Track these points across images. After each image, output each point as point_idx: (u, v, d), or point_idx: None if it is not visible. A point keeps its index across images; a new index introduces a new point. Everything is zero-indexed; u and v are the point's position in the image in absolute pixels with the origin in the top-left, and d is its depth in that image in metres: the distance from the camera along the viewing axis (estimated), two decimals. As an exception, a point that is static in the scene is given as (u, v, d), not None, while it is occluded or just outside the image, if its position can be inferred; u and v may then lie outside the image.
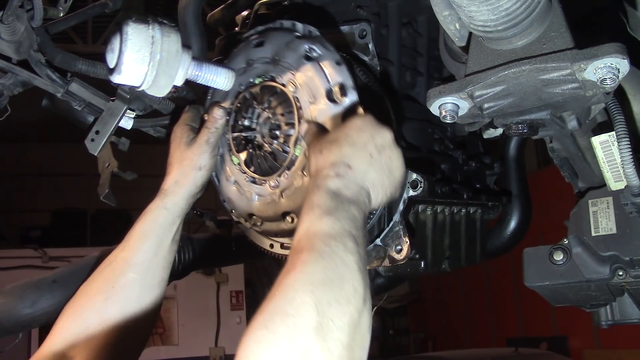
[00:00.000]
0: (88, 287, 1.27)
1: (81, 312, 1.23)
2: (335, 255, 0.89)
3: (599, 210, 1.35)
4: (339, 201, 0.99)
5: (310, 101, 1.28)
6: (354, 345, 0.83)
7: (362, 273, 0.90)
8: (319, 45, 1.30)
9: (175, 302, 9.49)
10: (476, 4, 0.94)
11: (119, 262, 1.28)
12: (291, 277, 0.85)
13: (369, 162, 1.08)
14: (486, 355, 6.53)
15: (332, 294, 0.84)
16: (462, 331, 11.55)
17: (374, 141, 1.10)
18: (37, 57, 1.41)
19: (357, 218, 0.98)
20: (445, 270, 1.59)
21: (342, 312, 0.83)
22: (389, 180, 1.11)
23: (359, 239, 0.95)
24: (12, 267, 8.51)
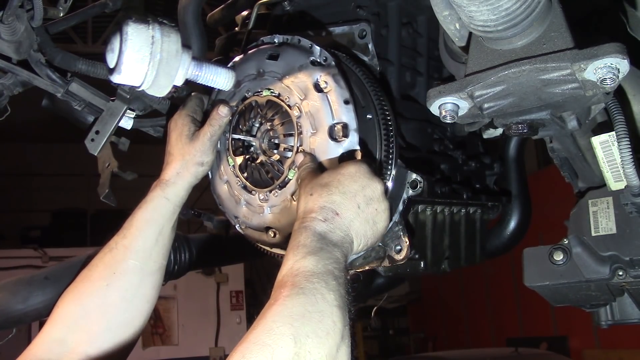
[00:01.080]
0: (89, 272, 1.28)
1: (82, 297, 1.25)
2: (316, 292, 0.92)
3: (599, 210, 1.35)
4: (324, 243, 1.03)
5: (312, 132, 1.28)
6: None
7: (342, 310, 0.93)
8: (330, 77, 1.29)
9: (175, 302, 9.48)
10: (476, 4, 0.94)
11: (119, 249, 1.30)
12: (272, 310, 0.89)
13: (355, 213, 1.12)
14: (486, 355, 6.53)
15: (311, 327, 0.87)
16: (462, 331, 11.55)
17: (363, 192, 1.14)
18: (37, 57, 1.41)
19: (340, 260, 1.02)
20: (445, 270, 1.59)
21: (321, 344, 0.86)
22: (372, 231, 1.15)
23: (341, 280, 0.98)
24: (12, 267, 8.51)
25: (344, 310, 0.94)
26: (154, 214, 1.33)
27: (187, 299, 9.32)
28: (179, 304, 9.47)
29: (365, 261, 1.36)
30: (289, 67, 1.35)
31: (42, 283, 1.76)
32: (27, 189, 12.17)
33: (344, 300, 0.96)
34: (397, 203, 1.33)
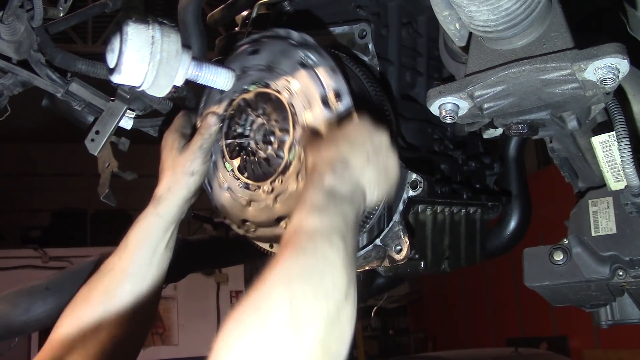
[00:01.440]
0: (89, 293, 1.27)
1: (80, 318, 1.23)
2: (317, 251, 0.89)
3: (599, 210, 1.35)
4: (332, 198, 0.99)
5: (305, 107, 1.28)
6: (330, 339, 0.83)
7: (346, 269, 0.90)
8: (313, 52, 1.30)
9: (175, 302, 9.49)
10: (476, 4, 0.94)
11: (116, 271, 1.28)
12: (270, 272, 0.86)
13: (366, 161, 1.08)
14: (486, 355, 6.53)
15: (310, 288, 0.84)
16: (462, 331, 11.55)
17: (371, 141, 1.11)
18: (37, 57, 1.41)
19: (348, 216, 0.98)
20: (445, 270, 1.59)
21: (319, 306, 0.83)
22: (385, 179, 1.12)
23: (348, 237, 0.95)
24: (12, 267, 8.51)
25: (349, 268, 0.91)
26: (147, 233, 1.31)
27: (187, 299, 9.33)
28: (179, 304, 9.48)
29: (365, 261, 1.36)
30: (271, 55, 1.35)
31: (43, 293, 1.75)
32: (27, 189, 12.16)
33: (350, 258, 0.93)
34: (397, 203, 1.33)
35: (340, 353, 0.85)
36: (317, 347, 0.80)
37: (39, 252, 9.16)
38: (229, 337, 0.79)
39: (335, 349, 0.84)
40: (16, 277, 7.71)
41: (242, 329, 0.79)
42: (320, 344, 0.81)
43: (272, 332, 0.78)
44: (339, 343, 0.86)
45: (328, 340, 0.82)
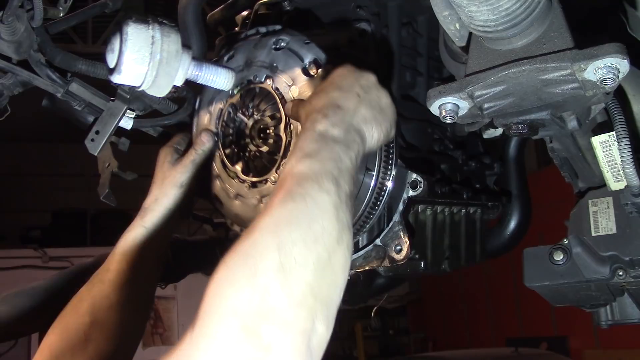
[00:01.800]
0: (79, 304, 1.27)
1: (68, 329, 1.23)
2: (307, 196, 0.87)
3: (599, 210, 1.35)
4: (324, 142, 0.97)
5: (289, 84, 1.30)
6: (322, 284, 0.81)
7: (339, 213, 0.88)
8: (284, 34, 1.34)
9: (175, 302, 9.48)
10: (476, 4, 0.94)
11: (104, 282, 1.28)
12: (258, 219, 0.85)
13: (357, 101, 1.07)
14: (486, 355, 6.53)
15: (298, 233, 0.82)
16: (462, 331, 11.55)
17: (359, 83, 1.10)
18: (37, 57, 1.40)
19: (341, 158, 0.95)
20: (445, 270, 1.59)
21: (308, 251, 0.81)
22: (382, 116, 1.10)
23: (342, 180, 0.92)
24: (12, 267, 8.51)
25: (343, 212, 0.89)
26: (133, 245, 1.31)
27: (187, 299, 9.32)
28: (179, 304, 9.48)
29: (365, 261, 1.36)
30: (246, 54, 1.39)
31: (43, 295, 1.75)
32: (27, 189, 12.16)
33: (344, 202, 0.90)
34: (398, 203, 1.33)
35: (332, 298, 0.83)
36: (307, 293, 0.79)
37: (39, 252, 9.16)
38: (219, 286, 0.78)
39: (326, 294, 0.82)
40: (16, 277, 7.71)
41: (232, 278, 0.78)
42: (310, 289, 0.79)
43: (261, 280, 0.77)
44: (331, 288, 0.84)
45: (319, 286, 0.81)
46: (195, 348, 0.73)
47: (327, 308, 0.82)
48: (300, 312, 0.77)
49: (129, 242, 1.32)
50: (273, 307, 0.76)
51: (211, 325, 0.74)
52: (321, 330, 0.79)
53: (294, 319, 0.76)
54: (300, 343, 0.76)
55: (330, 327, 0.82)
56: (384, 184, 1.29)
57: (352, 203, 0.94)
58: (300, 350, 0.75)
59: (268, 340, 0.73)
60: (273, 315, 0.75)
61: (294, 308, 0.77)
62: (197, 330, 0.74)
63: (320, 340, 0.79)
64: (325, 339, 0.81)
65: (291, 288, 0.78)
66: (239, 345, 0.72)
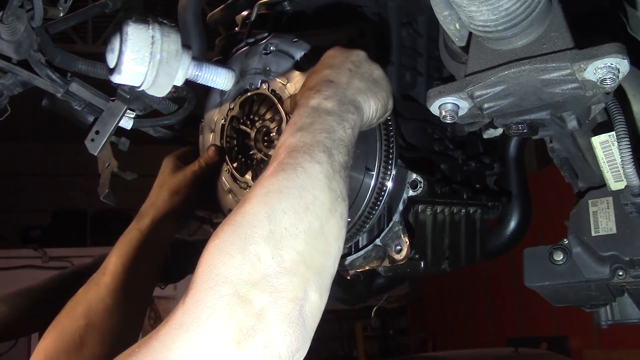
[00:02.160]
0: (74, 307, 1.27)
1: (64, 332, 1.23)
2: (297, 166, 0.87)
3: (599, 210, 1.35)
4: (316, 115, 0.97)
5: (284, 84, 1.32)
6: (314, 252, 0.81)
7: (331, 183, 0.88)
8: (272, 39, 1.37)
9: (175, 302, 9.45)
10: (476, 4, 0.94)
11: (101, 286, 1.29)
12: (250, 191, 0.85)
13: (350, 75, 1.07)
14: (486, 355, 6.53)
15: (288, 202, 0.82)
16: (462, 331, 11.55)
17: (349, 59, 1.11)
18: (37, 57, 1.40)
19: (334, 129, 0.95)
20: (445, 270, 1.59)
21: (298, 220, 0.82)
22: (376, 86, 1.10)
23: (335, 150, 0.92)
24: (12, 267, 8.51)
25: (337, 182, 0.89)
26: (128, 249, 1.32)
27: (187, 299, 9.30)
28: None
29: (365, 261, 1.36)
30: (239, 65, 1.42)
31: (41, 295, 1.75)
32: (27, 189, 12.16)
33: (338, 172, 0.90)
34: (398, 203, 1.33)
35: (325, 267, 0.83)
36: (298, 261, 0.79)
37: (39, 252, 9.16)
38: (210, 256, 0.78)
39: (319, 262, 0.82)
40: (16, 277, 7.71)
41: (222, 247, 0.78)
42: (302, 257, 0.79)
43: (251, 247, 0.77)
44: (324, 257, 0.84)
45: (311, 254, 0.81)
46: (187, 316, 0.73)
47: (320, 277, 0.82)
48: (291, 279, 0.77)
49: (125, 246, 1.33)
50: (264, 274, 0.76)
51: (202, 293, 0.74)
52: (314, 298, 0.79)
53: (285, 287, 0.76)
54: (291, 310, 0.76)
55: (324, 295, 0.82)
56: (384, 183, 1.29)
57: (346, 173, 0.93)
58: (291, 318, 0.75)
59: (259, 306, 0.73)
60: (264, 282, 0.75)
61: (285, 276, 0.77)
62: (189, 299, 0.75)
63: (313, 308, 0.79)
64: (319, 308, 0.81)
65: (282, 256, 0.78)
66: (231, 312, 0.72)
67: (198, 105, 1.62)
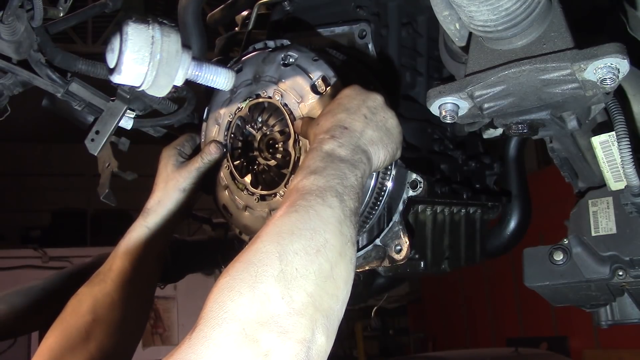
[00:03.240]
0: (78, 305, 1.27)
1: (69, 329, 1.23)
2: (310, 208, 0.88)
3: (599, 210, 1.35)
4: (330, 160, 0.98)
5: (297, 101, 1.30)
6: (323, 295, 0.82)
7: (341, 228, 0.89)
8: (293, 50, 1.34)
9: (175, 302, 9.48)
10: (476, 4, 0.94)
11: (107, 282, 1.29)
12: (262, 230, 0.86)
13: (364, 123, 1.08)
14: (486, 355, 6.54)
15: (300, 244, 0.83)
16: (462, 331, 11.55)
17: (366, 104, 1.12)
18: (37, 57, 1.40)
19: (347, 176, 0.97)
20: (445, 270, 1.59)
21: (309, 261, 0.82)
22: (388, 137, 1.11)
23: (347, 196, 0.94)
24: (12, 267, 8.51)
25: (346, 227, 0.90)
26: (135, 245, 1.33)
27: (187, 299, 9.32)
28: (179, 304, 9.48)
29: (365, 261, 1.36)
30: (254, 67, 1.40)
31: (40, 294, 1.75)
32: (27, 189, 12.16)
33: (348, 218, 0.92)
34: (397, 203, 1.33)
35: (333, 310, 0.84)
36: (308, 302, 0.79)
37: (39, 252, 9.16)
38: (219, 292, 0.79)
39: (327, 305, 0.83)
40: (16, 277, 7.71)
41: (232, 285, 0.78)
42: (311, 299, 0.80)
43: (261, 287, 0.77)
44: (332, 300, 0.84)
45: (320, 296, 0.81)
46: (192, 351, 0.73)
47: (328, 319, 0.82)
48: (300, 321, 0.78)
49: (132, 242, 1.33)
50: (273, 314, 0.76)
51: (210, 330, 0.74)
52: (321, 341, 0.80)
53: (293, 328, 0.76)
54: (299, 352, 0.76)
55: (331, 338, 0.83)
56: (383, 184, 1.29)
57: (356, 219, 0.95)
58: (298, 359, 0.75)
59: (266, 347, 0.73)
60: (272, 322, 0.75)
61: (294, 316, 0.77)
62: (196, 334, 0.75)
63: (319, 351, 0.79)
64: (325, 351, 0.81)
65: (292, 297, 0.78)
66: (237, 350, 0.72)
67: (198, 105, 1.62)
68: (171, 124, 1.61)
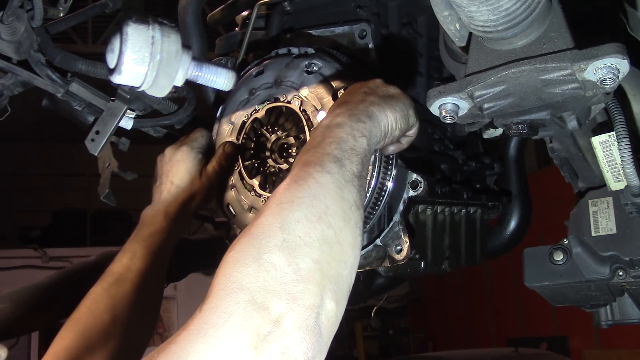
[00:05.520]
0: (95, 305, 1.26)
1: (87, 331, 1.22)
2: (309, 177, 0.89)
3: (599, 210, 1.35)
4: (328, 131, 0.99)
5: (317, 108, 1.31)
6: (329, 261, 0.82)
7: (343, 192, 0.89)
8: (317, 59, 1.34)
9: (175, 302, 9.48)
10: (476, 4, 0.94)
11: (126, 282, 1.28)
12: (264, 205, 0.88)
13: (364, 95, 1.09)
14: (486, 355, 6.54)
15: (301, 212, 0.84)
16: (462, 331, 11.55)
17: (366, 85, 1.12)
18: (37, 57, 1.40)
19: (344, 139, 0.96)
20: (445, 270, 1.59)
21: (312, 228, 0.83)
22: (392, 100, 1.10)
23: (346, 160, 0.93)
24: (12, 267, 8.52)
25: (349, 192, 0.90)
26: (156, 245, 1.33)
27: (187, 299, 9.32)
28: (179, 304, 9.47)
29: (366, 261, 1.36)
30: (276, 71, 1.39)
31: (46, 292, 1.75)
32: (27, 189, 12.16)
33: (349, 182, 0.91)
34: (398, 203, 1.33)
35: (341, 275, 0.84)
36: (314, 269, 0.80)
37: (39, 252, 9.16)
38: (226, 266, 0.79)
39: (335, 271, 0.83)
40: (16, 277, 7.71)
41: (238, 257, 0.79)
42: (317, 265, 0.80)
43: (265, 256, 0.78)
44: (340, 265, 0.84)
45: (327, 262, 0.82)
46: (204, 321, 0.73)
47: (337, 285, 0.82)
48: (308, 287, 0.78)
49: (153, 242, 1.33)
50: (280, 282, 0.77)
51: (219, 300, 0.75)
52: (330, 306, 0.80)
53: (302, 294, 0.77)
54: (308, 317, 0.76)
55: (341, 304, 0.83)
56: (384, 184, 1.29)
57: (361, 182, 0.95)
58: (308, 325, 0.76)
59: (276, 313, 0.74)
60: (281, 290, 0.76)
61: (301, 283, 0.78)
62: (206, 305, 0.75)
63: (329, 316, 0.80)
64: (336, 316, 0.81)
65: (298, 264, 0.79)
66: (248, 318, 0.73)
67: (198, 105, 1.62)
68: (171, 123, 1.61)
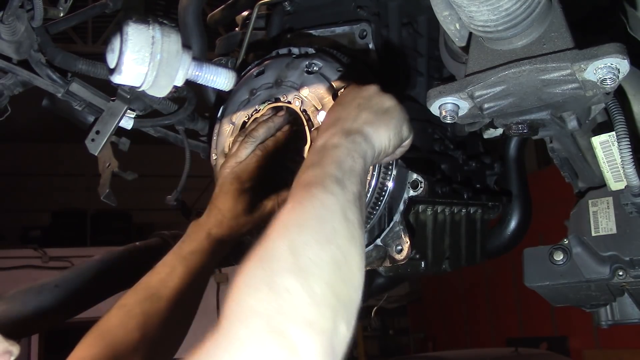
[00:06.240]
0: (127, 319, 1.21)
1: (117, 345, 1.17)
2: (313, 199, 0.87)
3: (599, 210, 1.35)
4: (324, 150, 0.98)
5: (317, 109, 1.31)
6: (340, 283, 0.81)
7: (346, 213, 0.88)
8: (317, 59, 1.34)
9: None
10: (476, 4, 0.94)
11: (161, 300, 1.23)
12: (269, 228, 0.85)
13: (358, 109, 1.07)
14: (486, 355, 6.54)
15: (310, 235, 0.82)
16: (462, 331, 11.55)
17: (360, 95, 1.11)
18: (38, 57, 1.40)
19: (343, 160, 0.96)
20: (446, 270, 1.59)
21: (322, 251, 0.81)
22: (386, 116, 1.09)
23: (347, 180, 0.93)
24: (12, 267, 8.51)
25: (352, 212, 0.89)
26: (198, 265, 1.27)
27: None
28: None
29: (366, 261, 1.36)
30: (277, 71, 1.39)
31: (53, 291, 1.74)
32: (27, 189, 12.16)
33: (351, 202, 0.91)
34: (398, 203, 1.33)
35: (351, 298, 0.83)
36: (328, 292, 0.78)
37: (39, 252, 9.15)
38: (237, 291, 0.77)
39: (346, 294, 0.82)
40: (16, 277, 7.70)
41: (249, 282, 0.77)
42: (330, 288, 0.79)
43: (278, 280, 0.76)
44: (350, 287, 0.83)
45: (338, 285, 0.81)
46: (218, 347, 0.71)
47: (347, 308, 0.81)
48: (323, 311, 0.76)
49: (195, 263, 1.28)
50: (296, 306, 0.75)
51: (233, 327, 0.73)
52: (343, 330, 0.79)
53: (317, 319, 0.75)
54: (324, 343, 0.75)
55: (351, 327, 0.81)
56: (384, 184, 1.29)
57: (361, 202, 0.94)
58: (326, 350, 0.74)
59: (293, 339, 0.72)
60: (297, 314, 0.74)
61: (317, 307, 0.76)
62: (220, 332, 0.73)
63: (341, 340, 0.79)
64: (347, 340, 0.80)
65: (312, 287, 0.77)
66: (264, 345, 0.71)
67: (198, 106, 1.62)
68: (171, 123, 1.61)
